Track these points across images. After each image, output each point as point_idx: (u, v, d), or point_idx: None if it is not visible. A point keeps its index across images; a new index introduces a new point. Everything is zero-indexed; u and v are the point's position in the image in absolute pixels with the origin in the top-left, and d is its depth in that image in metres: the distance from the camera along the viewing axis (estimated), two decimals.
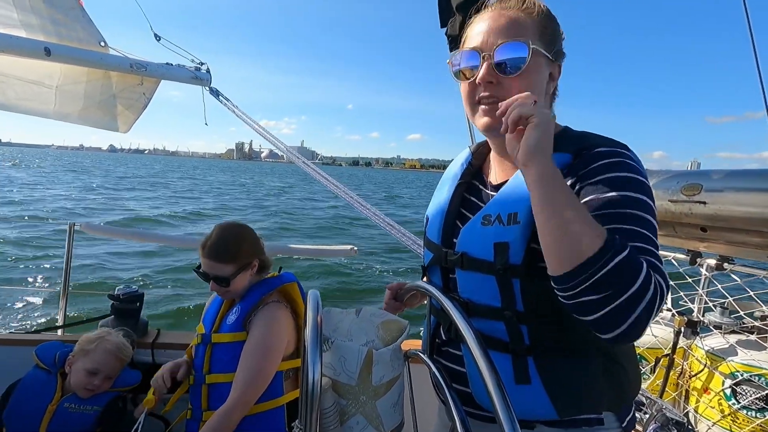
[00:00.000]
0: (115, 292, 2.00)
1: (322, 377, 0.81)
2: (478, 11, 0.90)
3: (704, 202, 1.76)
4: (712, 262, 2.00)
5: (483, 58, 0.82)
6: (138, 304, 2.03)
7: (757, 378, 1.72)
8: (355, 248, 2.30)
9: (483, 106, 0.85)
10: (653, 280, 0.65)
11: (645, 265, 0.65)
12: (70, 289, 2.17)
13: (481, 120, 0.86)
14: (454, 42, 1.76)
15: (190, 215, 17.44)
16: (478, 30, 0.85)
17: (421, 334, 1.11)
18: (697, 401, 1.87)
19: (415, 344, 1.26)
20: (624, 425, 0.87)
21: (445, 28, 1.82)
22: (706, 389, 1.84)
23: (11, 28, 2.47)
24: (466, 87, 0.87)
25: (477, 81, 0.84)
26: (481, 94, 0.84)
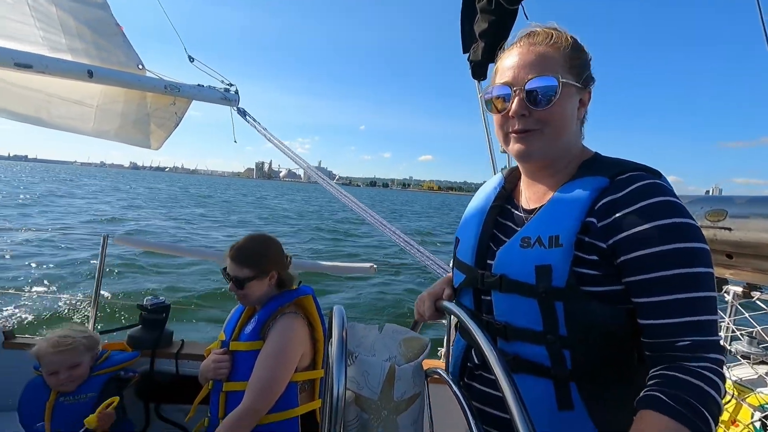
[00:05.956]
0: (144, 303, 2.08)
1: (346, 390, 0.84)
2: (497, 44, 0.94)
3: (729, 228, 1.73)
4: (739, 289, 1.95)
5: (514, 92, 0.86)
6: (164, 314, 2.10)
7: None
8: (375, 266, 2.33)
9: (515, 135, 0.89)
10: (720, 388, 0.69)
11: (713, 391, 0.68)
12: (100, 298, 2.26)
13: (515, 147, 0.90)
14: (477, 68, 1.82)
15: None
16: (508, 65, 0.89)
17: (442, 354, 1.07)
18: None
19: (434, 364, 1.26)
20: None
21: (468, 54, 1.88)
22: (734, 421, 1.78)
23: (59, 52, 2.65)
24: (499, 119, 0.92)
25: (510, 114, 0.88)
26: (515, 127, 0.88)
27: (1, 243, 10.84)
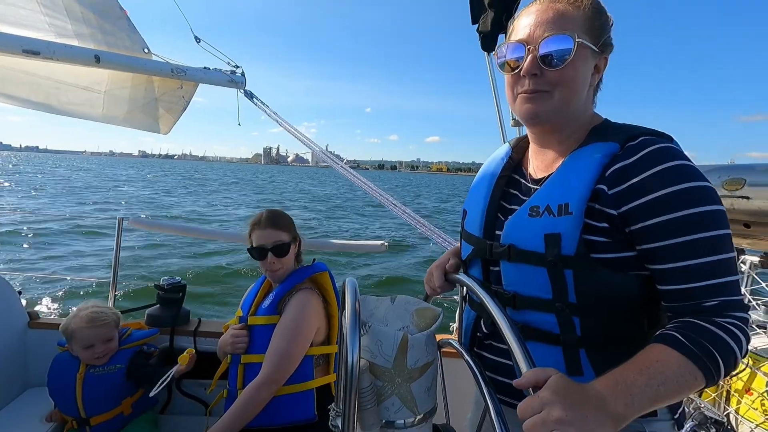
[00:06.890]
0: (161, 283, 2.12)
1: (360, 359, 0.85)
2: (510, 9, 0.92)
3: (747, 197, 1.70)
4: (756, 259, 1.92)
5: (528, 50, 0.83)
6: (180, 294, 2.14)
7: None
8: (386, 243, 2.34)
9: (524, 95, 0.86)
10: (742, 342, 0.69)
11: (733, 342, 0.68)
12: (118, 279, 2.32)
13: (523, 107, 0.87)
14: (486, 39, 1.77)
15: None
16: (525, 23, 0.86)
17: (454, 329, 1.07)
18: (739, 402, 1.80)
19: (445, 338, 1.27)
20: (676, 417, 0.85)
21: (477, 25, 1.84)
22: (748, 390, 1.78)
23: (66, 38, 2.65)
24: (510, 79, 0.88)
25: (521, 73, 0.84)
26: (525, 87, 0.85)
27: (30, 227, 11.15)
